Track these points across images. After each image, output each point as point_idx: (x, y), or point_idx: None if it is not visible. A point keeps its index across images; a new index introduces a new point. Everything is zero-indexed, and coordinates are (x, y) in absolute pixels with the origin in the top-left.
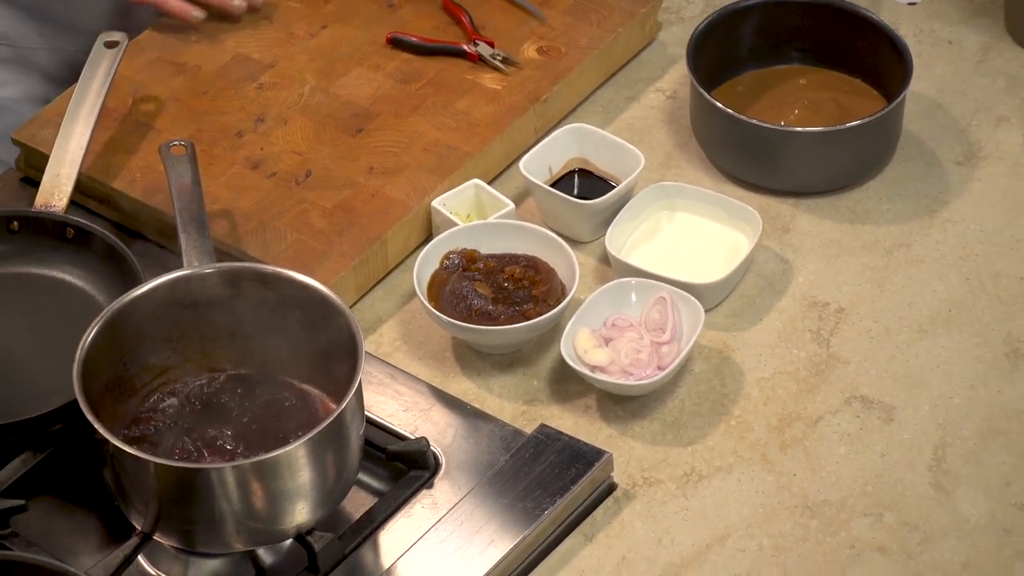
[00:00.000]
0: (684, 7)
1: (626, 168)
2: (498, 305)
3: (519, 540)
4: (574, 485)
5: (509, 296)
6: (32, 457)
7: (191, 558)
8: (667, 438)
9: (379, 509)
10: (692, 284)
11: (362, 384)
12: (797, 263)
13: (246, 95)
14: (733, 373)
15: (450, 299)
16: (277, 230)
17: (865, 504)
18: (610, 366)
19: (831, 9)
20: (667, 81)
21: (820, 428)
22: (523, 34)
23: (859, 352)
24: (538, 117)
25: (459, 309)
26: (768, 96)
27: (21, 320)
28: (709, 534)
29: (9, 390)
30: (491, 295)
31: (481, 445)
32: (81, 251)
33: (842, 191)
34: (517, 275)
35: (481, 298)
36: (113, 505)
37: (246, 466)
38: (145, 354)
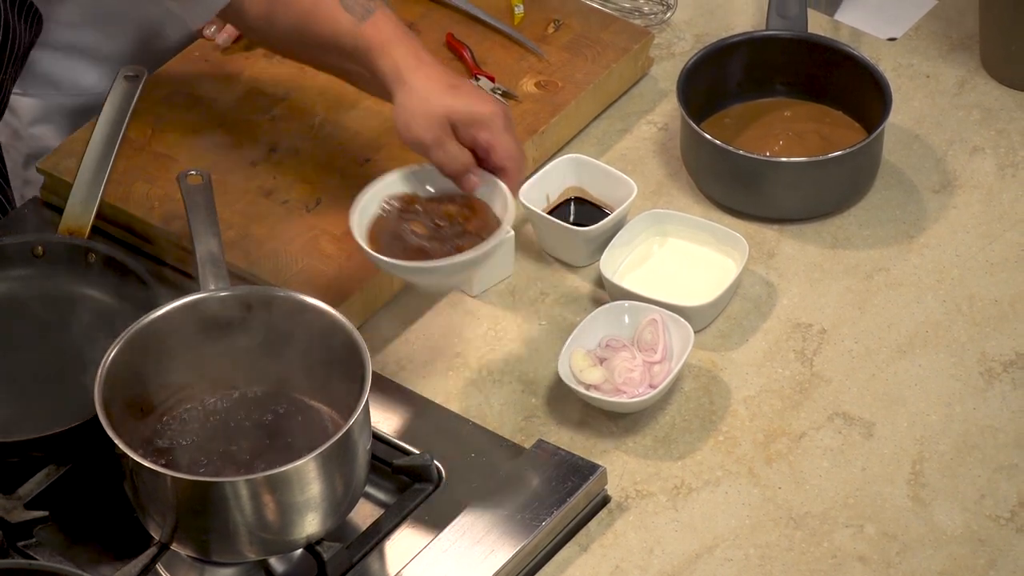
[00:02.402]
0: (674, 43)
1: (620, 196)
2: (433, 242)
3: (518, 550)
4: (570, 497)
5: (444, 233)
6: (55, 470)
7: (206, 567)
8: (659, 453)
9: (385, 520)
10: (682, 307)
11: (369, 401)
12: (782, 286)
13: (259, 127)
14: (721, 391)
15: (389, 242)
16: (289, 255)
17: (847, 516)
18: (604, 384)
19: (814, 45)
20: (658, 114)
21: (804, 443)
22: (522, 69)
23: (841, 371)
24: (536, 148)
25: (396, 249)
26: (754, 128)
27: (45, 340)
28: (698, 544)
29: (34, 406)
30: (427, 233)
31: (482, 459)
32: (102, 275)
33: (825, 218)
34: (452, 213)
35: (417, 236)
36: (132, 516)
37: (259, 479)
38: (163, 373)
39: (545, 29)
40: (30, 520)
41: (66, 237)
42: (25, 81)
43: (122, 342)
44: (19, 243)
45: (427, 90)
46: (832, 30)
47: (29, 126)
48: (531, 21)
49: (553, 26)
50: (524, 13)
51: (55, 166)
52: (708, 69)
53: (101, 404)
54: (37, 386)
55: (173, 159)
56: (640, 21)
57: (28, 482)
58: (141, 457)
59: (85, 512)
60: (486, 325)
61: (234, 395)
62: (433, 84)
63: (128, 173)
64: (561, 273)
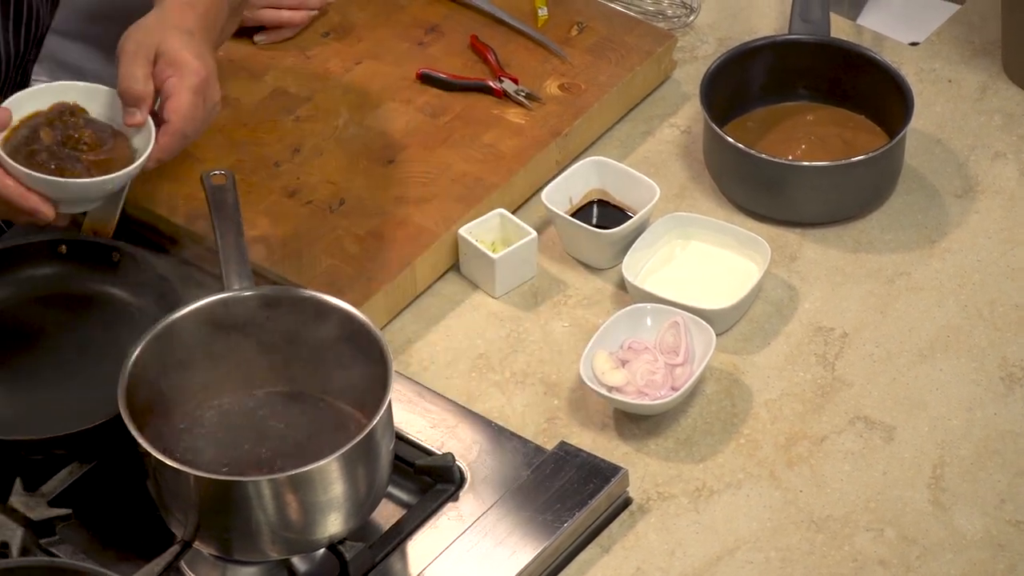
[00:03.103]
0: (698, 47)
1: (642, 199)
2: (43, 155)
3: (540, 551)
4: (592, 499)
5: (59, 152)
6: (78, 468)
7: (229, 565)
8: (680, 455)
9: (408, 520)
10: (704, 309)
11: (392, 402)
12: (804, 290)
13: (284, 127)
14: (743, 394)
15: (22, 135)
16: (312, 255)
17: (867, 519)
18: (626, 387)
19: (837, 49)
20: (681, 117)
21: (825, 447)
22: (546, 71)
23: (862, 375)
24: (560, 150)
25: (18, 147)
26: (777, 131)
27: (69, 338)
28: (719, 547)
29: (57, 404)
30: (48, 143)
31: (504, 460)
32: (126, 274)
33: (847, 222)
34: (83, 138)
35: (38, 143)
36: (155, 514)
37: (282, 479)
38: (187, 372)
39: (569, 32)
40: (53, 518)
41: (90, 236)
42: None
43: (146, 341)
44: (43, 241)
45: (168, 19)
46: (855, 34)
47: None
48: (555, 23)
49: (577, 29)
50: (548, 15)
51: None
52: (731, 73)
53: (124, 402)
54: (60, 384)
55: (197, 159)
56: (663, 24)
57: (51, 480)
58: (164, 455)
59: (108, 510)
60: (509, 327)
61: (257, 394)
62: (178, 18)
63: (152, 172)
64: (584, 275)
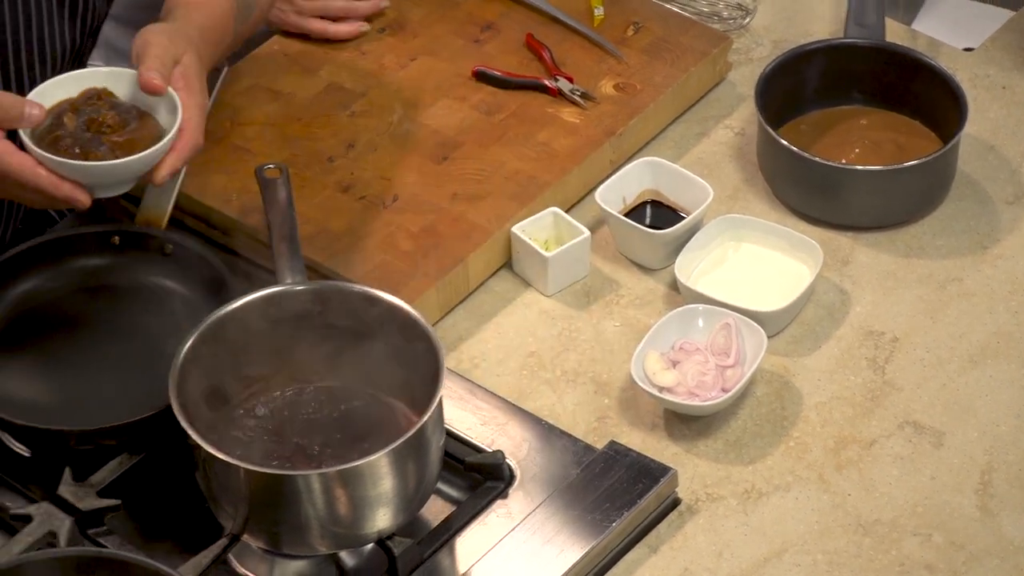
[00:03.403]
0: (753, 49)
1: (696, 200)
2: (68, 139)
3: (588, 550)
4: (641, 499)
5: (82, 136)
6: (128, 459)
7: (277, 559)
8: (729, 457)
9: (456, 517)
10: (756, 311)
11: (443, 398)
12: (855, 294)
13: (338, 122)
14: (793, 397)
15: (49, 122)
16: (365, 251)
17: (915, 524)
18: (677, 387)
19: (892, 54)
20: (736, 118)
21: (874, 451)
22: (601, 71)
23: (912, 380)
24: (614, 150)
25: (44, 133)
26: (831, 135)
27: (121, 329)
28: (767, 549)
29: (109, 395)
30: (71, 128)
31: (554, 459)
32: (179, 266)
33: (899, 227)
34: (107, 121)
35: (62, 128)
36: (204, 507)
37: (331, 474)
38: (238, 365)
39: (624, 31)
40: (102, 508)
41: (143, 227)
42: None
43: (198, 333)
44: (96, 232)
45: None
46: (909, 39)
47: None
48: (611, 23)
49: (633, 29)
50: (604, 15)
51: None
52: (786, 75)
53: (175, 394)
54: (111, 375)
55: (251, 152)
56: (719, 26)
57: (101, 470)
58: (214, 448)
59: (157, 502)
60: (561, 325)
61: (308, 388)
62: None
63: (206, 165)
64: (636, 275)
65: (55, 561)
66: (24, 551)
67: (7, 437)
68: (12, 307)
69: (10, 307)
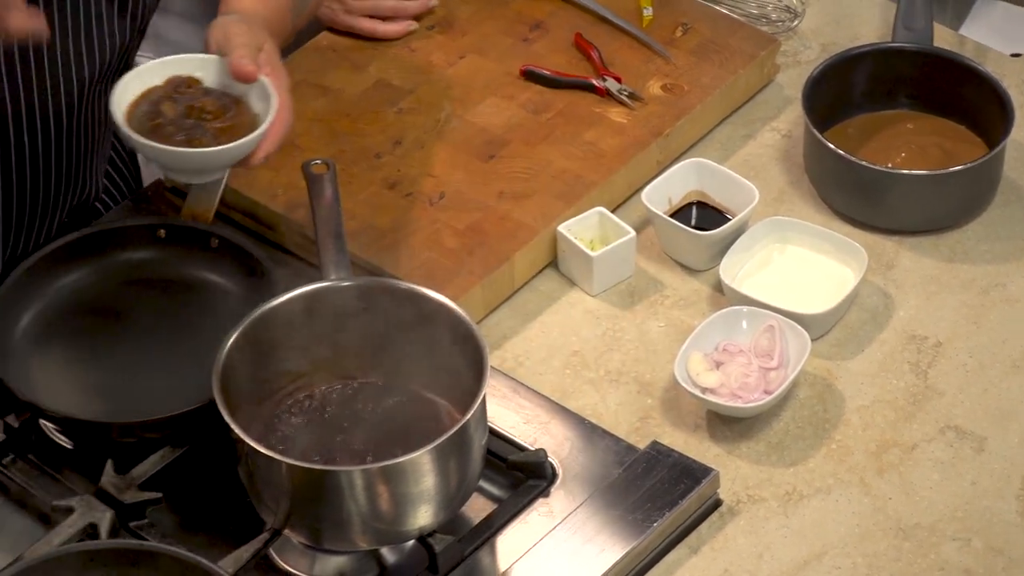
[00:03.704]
0: (801, 52)
1: (741, 202)
2: (170, 127)
3: (629, 550)
4: (682, 500)
5: (185, 123)
6: (170, 452)
7: (318, 554)
8: (771, 459)
9: (498, 515)
10: (800, 314)
11: (486, 396)
12: (899, 298)
13: (386, 119)
14: (835, 400)
15: (144, 110)
16: (411, 247)
17: (955, 528)
18: (720, 389)
19: (939, 59)
20: (783, 121)
21: (915, 455)
22: (649, 71)
23: (954, 384)
24: (660, 150)
25: (143, 123)
26: (877, 139)
27: (166, 322)
28: (807, 551)
29: (152, 388)
30: (172, 117)
31: (596, 458)
32: (224, 260)
33: (943, 231)
34: (207, 108)
35: (162, 116)
36: (245, 501)
37: (374, 470)
38: (282, 360)
39: (673, 32)
40: (143, 501)
41: (189, 221)
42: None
43: (242, 328)
44: (142, 225)
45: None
46: (957, 44)
47: None
48: (659, 24)
49: (681, 30)
50: (653, 15)
51: None
52: (833, 78)
53: (219, 388)
54: (155, 368)
55: (298, 147)
56: (768, 28)
57: (143, 463)
58: (257, 443)
59: (199, 495)
60: (605, 325)
61: (352, 384)
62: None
63: None
64: (681, 276)
65: (95, 553)
66: (64, 543)
67: (50, 428)
68: (58, 299)
69: (56, 299)
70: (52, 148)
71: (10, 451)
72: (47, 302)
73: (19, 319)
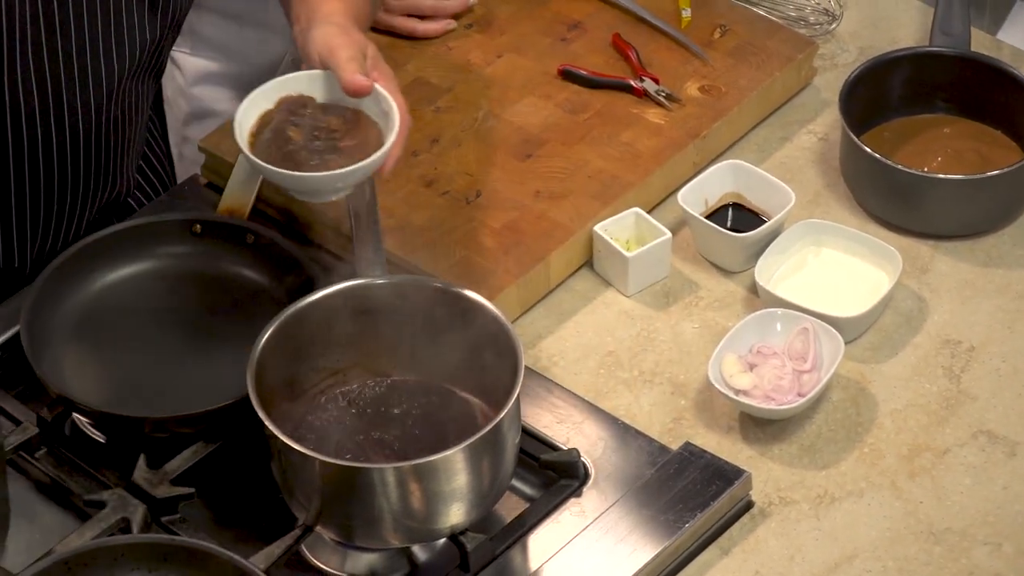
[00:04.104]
0: (838, 55)
1: (777, 204)
2: (303, 152)
3: (660, 550)
4: (714, 501)
5: (316, 145)
6: (203, 448)
7: (349, 551)
8: (803, 461)
9: (530, 514)
10: (834, 317)
11: (520, 395)
12: (933, 302)
13: (423, 117)
14: (868, 403)
15: (267, 141)
16: (447, 246)
17: (986, 533)
18: (753, 390)
19: (977, 64)
20: (819, 124)
21: (947, 459)
22: (687, 73)
23: (987, 389)
24: (697, 152)
25: (272, 151)
26: (913, 143)
27: (199, 318)
28: (838, 554)
29: (185, 383)
30: (301, 142)
31: (629, 458)
32: (260, 256)
33: (979, 236)
34: (333, 126)
35: (291, 143)
36: (277, 497)
37: (407, 468)
38: (316, 357)
39: (711, 34)
40: (175, 496)
41: (225, 217)
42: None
43: (277, 324)
44: (178, 220)
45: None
46: (995, 49)
47: (192, 86)
48: (697, 25)
49: (719, 31)
50: (691, 17)
51: (216, 145)
52: (870, 82)
53: (253, 384)
54: (189, 363)
55: None
56: (805, 31)
57: (176, 458)
58: (290, 439)
59: (231, 491)
60: (639, 325)
61: (385, 382)
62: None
63: None
64: (716, 277)
65: (127, 548)
66: (96, 537)
67: (83, 422)
68: (93, 293)
69: (91, 293)
70: (80, 144)
71: (43, 444)
72: (82, 296)
73: (54, 313)
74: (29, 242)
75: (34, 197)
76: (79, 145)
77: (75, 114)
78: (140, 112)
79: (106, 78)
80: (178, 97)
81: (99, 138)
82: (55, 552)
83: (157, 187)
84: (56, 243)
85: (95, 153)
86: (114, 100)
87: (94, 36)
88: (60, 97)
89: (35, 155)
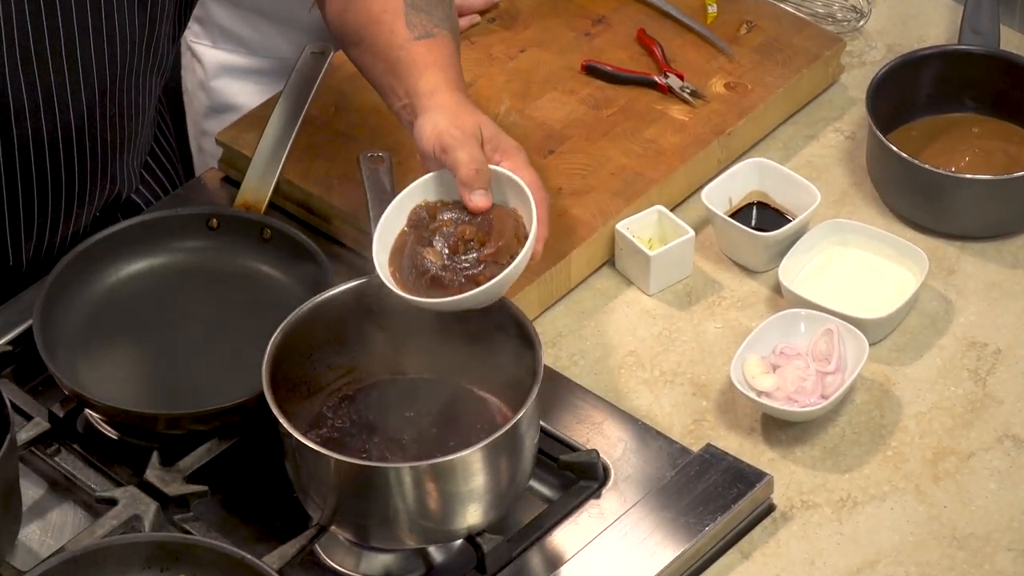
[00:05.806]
0: (866, 52)
1: (802, 203)
2: (446, 272)
3: (680, 553)
4: (735, 504)
5: (457, 262)
6: (217, 445)
7: (364, 551)
8: (826, 464)
9: (548, 516)
10: (859, 318)
11: (539, 395)
12: (959, 304)
13: None
14: (892, 406)
15: (408, 267)
16: None
17: (1010, 539)
18: (776, 392)
19: (1006, 63)
20: (846, 122)
21: (972, 463)
22: (712, 69)
23: (1013, 393)
24: (722, 149)
25: (413, 276)
26: (941, 142)
27: (215, 313)
28: (860, 559)
29: (200, 380)
30: (440, 263)
31: (649, 460)
32: (276, 251)
33: (1006, 237)
34: (467, 236)
35: (431, 264)
36: (292, 496)
37: (423, 467)
38: (332, 354)
39: (737, 30)
40: (189, 493)
41: (242, 211)
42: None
43: (293, 320)
44: (195, 214)
45: (459, 106)
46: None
47: (212, 79)
48: (723, 21)
49: (745, 27)
50: (717, 13)
51: (235, 139)
52: (898, 80)
53: (268, 381)
54: (203, 359)
55: (354, 139)
56: (833, 28)
57: (189, 455)
58: (305, 438)
59: (245, 489)
60: (661, 325)
61: (402, 380)
62: (465, 106)
63: (308, 150)
64: (739, 277)
65: (138, 546)
66: (108, 534)
67: (96, 418)
68: (107, 287)
69: (105, 287)
70: (74, 142)
71: (55, 441)
72: (96, 291)
73: (68, 308)
74: (24, 240)
75: (27, 195)
76: (72, 143)
77: (67, 112)
78: (142, 110)
79: (97, 75)
80: (198, 90)
81: (95, 136)
82: (65, 550)
83: (166, 185)
84: (55, 242)
85: (91, 151)
86: (109, 97)
87: (83, 31)
88: (50, 95)
89: (26, 153)
